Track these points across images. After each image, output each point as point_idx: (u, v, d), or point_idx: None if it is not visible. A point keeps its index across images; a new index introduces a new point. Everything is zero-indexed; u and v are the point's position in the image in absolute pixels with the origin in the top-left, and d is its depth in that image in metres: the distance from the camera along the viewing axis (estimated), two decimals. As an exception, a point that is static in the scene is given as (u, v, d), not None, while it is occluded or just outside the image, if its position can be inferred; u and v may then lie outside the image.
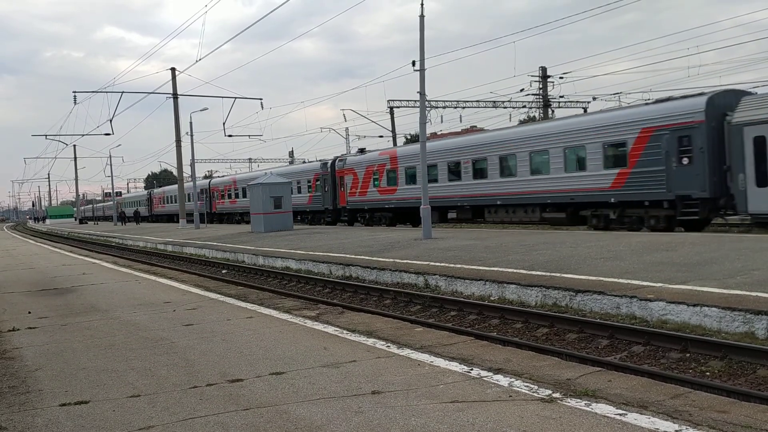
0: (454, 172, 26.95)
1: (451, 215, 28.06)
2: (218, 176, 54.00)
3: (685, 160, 18.14)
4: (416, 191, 27.00)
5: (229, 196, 51.36)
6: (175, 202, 58.81)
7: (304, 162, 52.17)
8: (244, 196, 46.12)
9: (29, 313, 10.09)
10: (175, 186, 57.42)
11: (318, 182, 37.24)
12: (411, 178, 29.16)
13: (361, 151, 36.35)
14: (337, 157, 36.87)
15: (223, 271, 19.39)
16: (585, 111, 44.35)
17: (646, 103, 20.92)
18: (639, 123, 19.48)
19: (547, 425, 4.14)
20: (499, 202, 24.76)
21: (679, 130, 18.27)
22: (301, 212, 38.73)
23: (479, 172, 25.60)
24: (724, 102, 17.96)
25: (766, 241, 13.29)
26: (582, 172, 21.34)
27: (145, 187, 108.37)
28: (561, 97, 45.57)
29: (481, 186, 25.47)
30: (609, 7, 56.57)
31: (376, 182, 32.05)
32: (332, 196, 35.87)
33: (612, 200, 20.40)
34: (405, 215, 31.23)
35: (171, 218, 64.12)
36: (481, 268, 12.43)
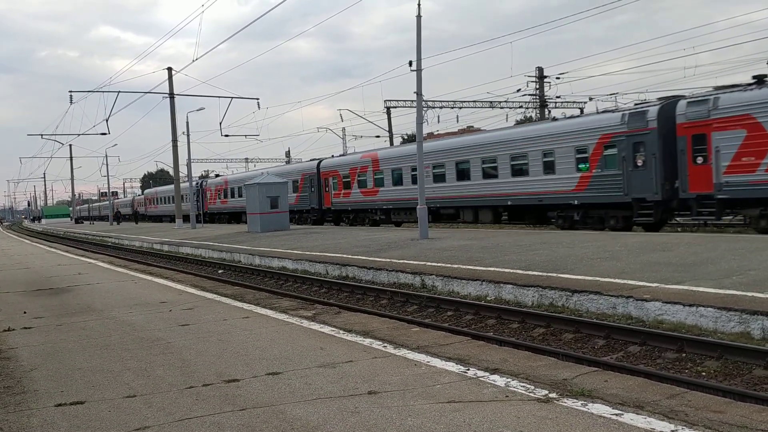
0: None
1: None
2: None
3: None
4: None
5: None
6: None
7: (300, 162, 52.70)
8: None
9: (25, 313, 10.06)
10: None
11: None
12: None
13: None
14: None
15: (220, 271, 19.36)
16: (581, 111, 44.42)
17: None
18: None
19: (544, 425, 4.14)
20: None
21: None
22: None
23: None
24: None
25: (762, 241, 13.32)
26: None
27: (141, 187, 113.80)
28: (558, 97, 45.66)
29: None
30: (605, 7, 56.71)
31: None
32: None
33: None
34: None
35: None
36: (477, 268, 12.44)
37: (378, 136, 57.40)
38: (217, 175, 55.26)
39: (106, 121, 40.77)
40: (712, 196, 17.41)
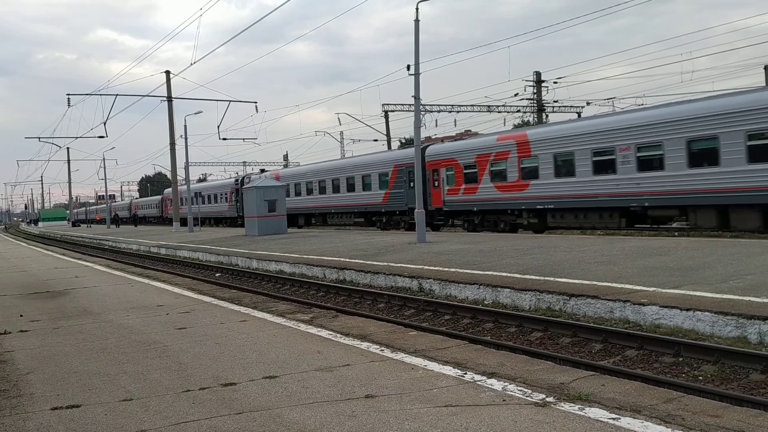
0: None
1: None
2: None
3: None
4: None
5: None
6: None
7: (298, 165, 53.22)
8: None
9: (21, 316, 10.03)
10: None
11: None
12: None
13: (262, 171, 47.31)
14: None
15: (217, 275, 19.33)
16: (579, 116, 44.50)
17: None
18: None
19: (541, 430, 4.14)
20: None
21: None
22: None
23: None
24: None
25: (759, 246, 13.35)
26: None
27: (138, 190, 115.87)
28: (555, 101, 45.77)
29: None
30: (603, 12, 56.88)
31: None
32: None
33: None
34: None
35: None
36: (475, 272, 12.44)
37: (376, 140, 57.49)
38: (262, 171, 49.88)
39: (104, 124, 40.87)
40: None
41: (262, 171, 44.62)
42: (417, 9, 19.08)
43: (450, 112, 48.59)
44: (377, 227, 32.68)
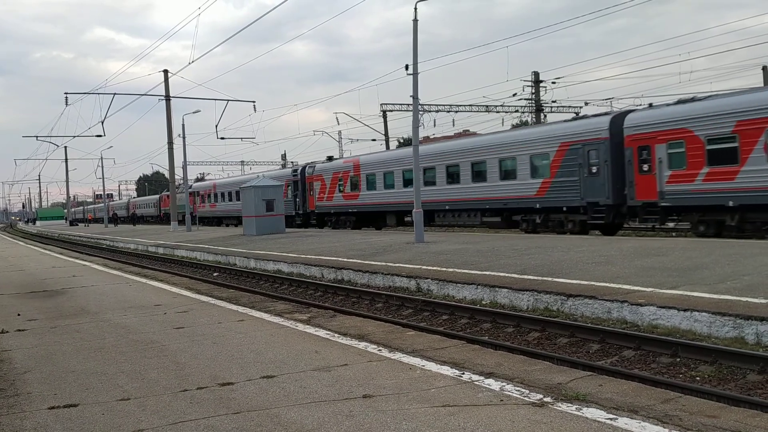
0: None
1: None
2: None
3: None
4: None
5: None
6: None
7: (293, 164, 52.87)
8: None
9: (18, 315, 10.02)
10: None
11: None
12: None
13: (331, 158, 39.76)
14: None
15: (215, 274, 19.32)
16: (577, 115, 44.50)
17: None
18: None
19: (538, 429, 4.15)
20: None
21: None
22: None
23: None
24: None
25: (757, 246, 13.37)
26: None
27: (136, 189, 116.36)
28: (553, 101, 45.75)
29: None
30: (601, 12, 56.93)
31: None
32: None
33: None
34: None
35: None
36: (473, 272, 12.44)
37: (374, 140, 57.50)
38: (330, 158, 38.74)
39: (102, 123, 40.88)
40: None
41: (330, 159, 37.49)
42: (415, 9, 19.09)
43: (448, 112, 48.59)
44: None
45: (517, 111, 47.68)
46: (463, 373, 5.64)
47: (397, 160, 30.19)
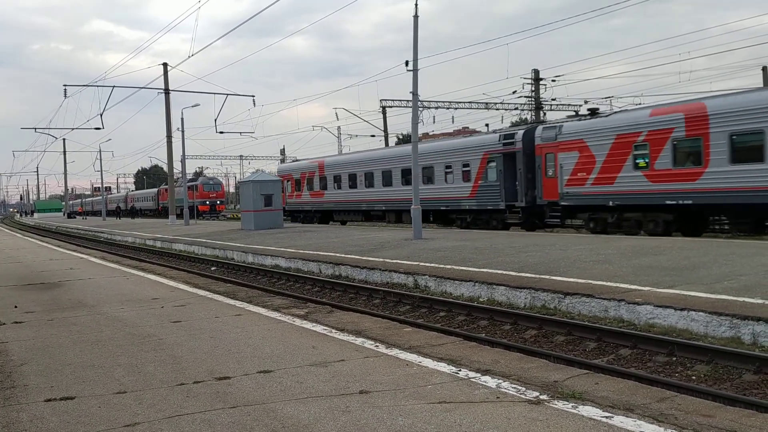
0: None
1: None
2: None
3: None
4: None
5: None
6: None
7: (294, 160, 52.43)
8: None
9: (15, 307, 10.01)
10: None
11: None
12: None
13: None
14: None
15: (213, 269, 19.31)
16: (576, 114, 44.43)
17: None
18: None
19: (534, 427, 4.15)
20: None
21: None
22: None
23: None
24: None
25: (754, 246, 13.39)
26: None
27: (135, 182, 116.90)
28: (553, 99, 45.75)
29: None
30: (602, 10, 56.92)
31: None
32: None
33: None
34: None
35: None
36: (470, 269, 12.45)
37: (373, 136, 57.48)
38: (295, 160, 35.53)
39: (101, 115, 40.73)
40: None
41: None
42: (416, 4, 19.03)
43: (448, 108, 48.62)
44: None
45: (516, 108, 47.72)
46: (460, 370, 5.65)
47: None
